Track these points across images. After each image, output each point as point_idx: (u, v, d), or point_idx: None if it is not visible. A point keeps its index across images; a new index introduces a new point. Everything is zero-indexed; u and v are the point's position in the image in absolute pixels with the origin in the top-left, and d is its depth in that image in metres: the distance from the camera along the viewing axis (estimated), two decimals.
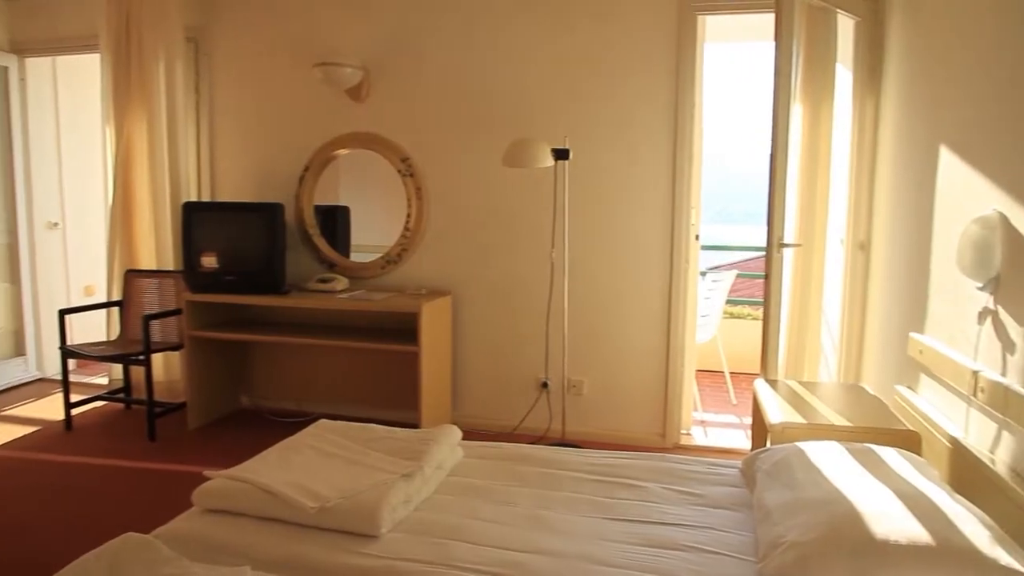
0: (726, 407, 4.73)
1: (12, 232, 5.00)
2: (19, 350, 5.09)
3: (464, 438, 2.56)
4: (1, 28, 4.90)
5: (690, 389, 4.08)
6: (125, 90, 4.35)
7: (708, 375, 5.39)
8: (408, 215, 4.11)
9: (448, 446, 2.39)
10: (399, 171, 4.10)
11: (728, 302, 5.35)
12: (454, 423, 3.28)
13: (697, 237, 3.99)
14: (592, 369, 3.96)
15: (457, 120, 4.03)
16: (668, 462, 2.45)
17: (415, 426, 3.46)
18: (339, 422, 2.61)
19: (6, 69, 4.89)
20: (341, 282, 4.05)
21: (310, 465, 2.19)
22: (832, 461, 1.98)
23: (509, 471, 2.36)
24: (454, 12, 3.97)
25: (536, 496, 2.16)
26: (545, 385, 4.01)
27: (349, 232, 4.35)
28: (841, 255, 3.41)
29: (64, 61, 5.18)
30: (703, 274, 4.85)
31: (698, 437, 4.05)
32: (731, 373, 5.00)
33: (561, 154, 3.60)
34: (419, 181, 4.09)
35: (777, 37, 2.94)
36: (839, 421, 2.47)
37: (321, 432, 2.48)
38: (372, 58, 4.11)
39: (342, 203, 4.36)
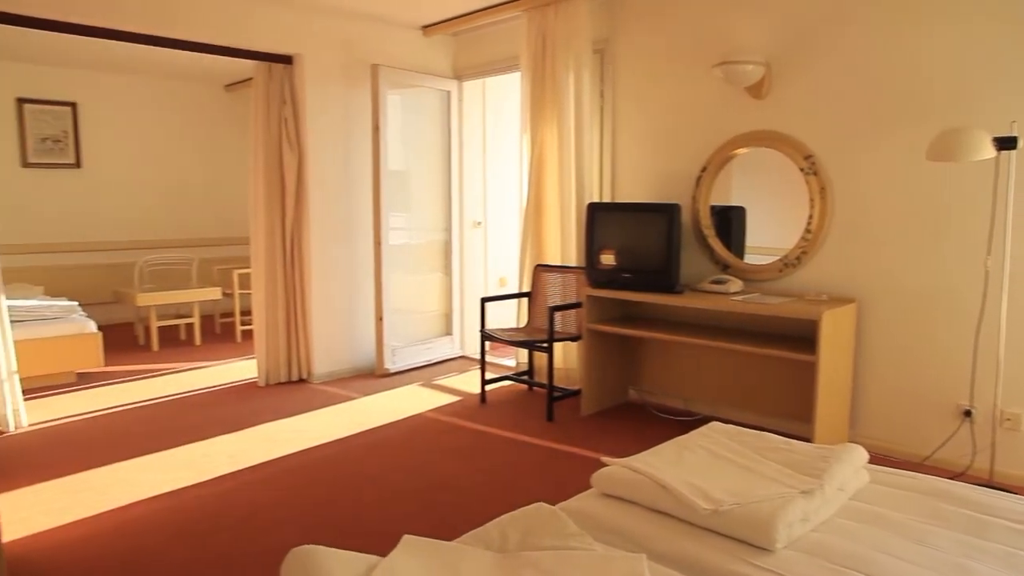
0: None
1: (447, 230, 5.89)
2: (447, 330, 5.98)
3: None
4: (447, 59, 5.82)
5: None
6: (540, 102, 4.82)
7: None
8: (809, 216, 3.87)
9: (852, 467, 2.18)
10: (801, 169, 3.87)
11: None
12: (850, 442, 3.00)
13: None
14: None
15: (869, 112, 3.67)
16: None
17: (806, 439, 3.24)
18: (732, 426, 2.56)
19: (449, 93, 5.77)
20: (735, 284, 3.97)
21: (703, 465, 2.17)
22: None
23: (925, 506, 2.07)
24: None
25: (959, 542, 1.86)
26: (968, 413, 3.46)
27: (744, 233, 4.25)
28: None
29: (490, 81, 5.94)
30: None
31: None
32: None
33: (1006, 143, 3.05)
34: (823, 180, 3.82)
35: None
36: None
37: (714, 434, 2.46)
38: (774, 53, 3.95)
39: (736, 203, 4.28)
